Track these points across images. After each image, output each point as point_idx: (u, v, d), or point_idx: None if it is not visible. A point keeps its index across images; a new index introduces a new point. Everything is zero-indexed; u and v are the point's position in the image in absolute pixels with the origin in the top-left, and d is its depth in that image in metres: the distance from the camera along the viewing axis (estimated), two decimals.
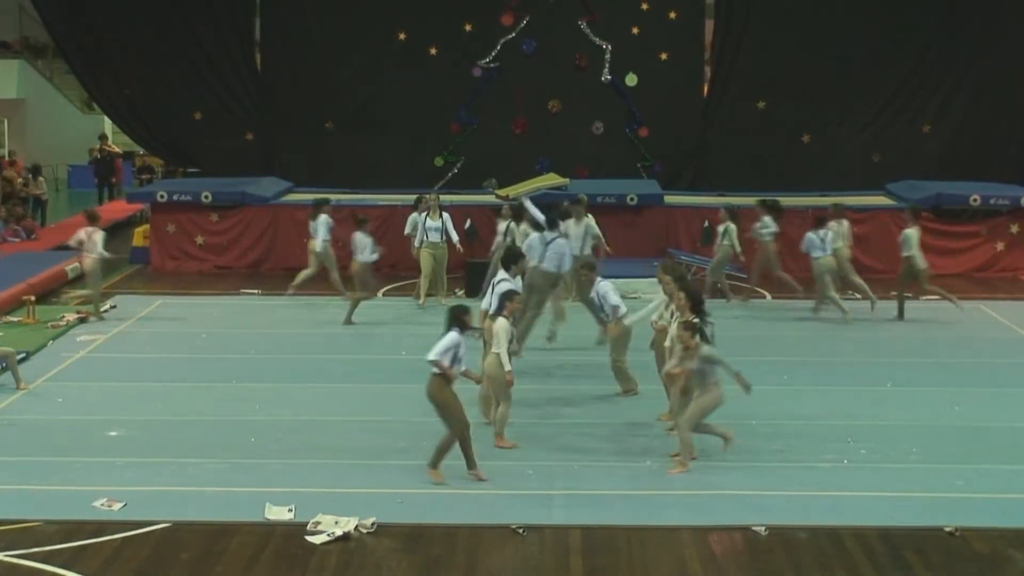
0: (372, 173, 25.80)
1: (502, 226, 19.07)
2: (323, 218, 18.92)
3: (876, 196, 23.28)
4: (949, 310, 18.63)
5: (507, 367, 11.91)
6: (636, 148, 26.88)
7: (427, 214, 18.99)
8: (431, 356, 11.10)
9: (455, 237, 19.12)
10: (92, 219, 18.23)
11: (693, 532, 10.12)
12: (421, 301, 18.85)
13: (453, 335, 11.19)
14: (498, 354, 11.91)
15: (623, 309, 13.71)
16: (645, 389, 14.12)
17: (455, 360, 11.16)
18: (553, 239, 15.56)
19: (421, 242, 18.88)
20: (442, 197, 22.00)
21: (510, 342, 12.09)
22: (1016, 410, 13.53)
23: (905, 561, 9.63)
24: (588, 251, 18.65)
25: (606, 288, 13.84)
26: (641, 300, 18.76)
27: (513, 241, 17.78)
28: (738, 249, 19.07)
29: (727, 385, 14.24)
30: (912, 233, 18.25)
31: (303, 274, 19.04)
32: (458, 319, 11.30)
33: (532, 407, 13.50)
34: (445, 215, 19.16)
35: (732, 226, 19.08)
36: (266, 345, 16.40)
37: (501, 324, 11.96)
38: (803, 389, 14.22)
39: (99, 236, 17.87)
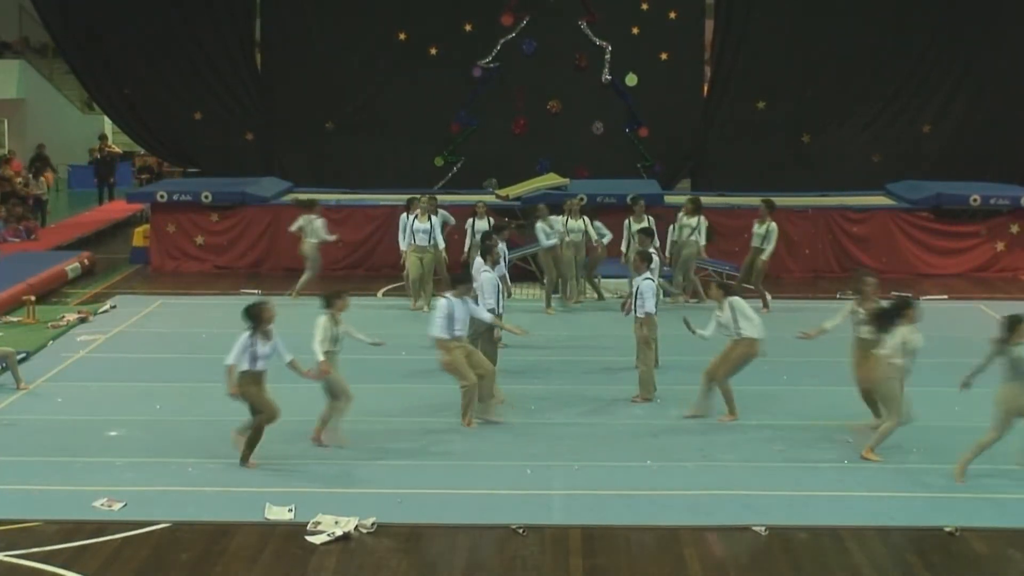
0: (372, 173, 25.82)
1: (480, 225, 18.75)
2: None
3: (876, 196, 23.28)
4: (949, 310, 18.65)
5: (320, 357, 11.90)
6: (636, 148, 26.89)
7: (415, 216, 18.68)
8: (226, 361, 11.36)
9: (441, 243, 18.82)
10: (311, 206, 19.47)
11: (693, 532, 10.12)
12: (414, 306, 18.75)
13: (244, 337, 11.32)
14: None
15: (651, 310, 13.57)
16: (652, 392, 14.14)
17: (254, 359, 11.31)
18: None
19: (409, 245, 18.58)
20: (442, 197, 22.02)
21: None
22: None
23: (905, 561, 9.63)
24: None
25: (647, 289, 13.63)
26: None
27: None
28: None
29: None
30: (776, 227, 18.63)
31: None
32: (252, 318, 11.40)
33: (531, 407, 13.51)
34: (434, 218, 18.80)
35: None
36: None
37: (321, 318, 12.04)
38: (803, 389, 14.23)
39: (320, 222, 19.32)
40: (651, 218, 18.84)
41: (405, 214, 18.99)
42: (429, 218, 18.65)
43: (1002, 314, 18.00)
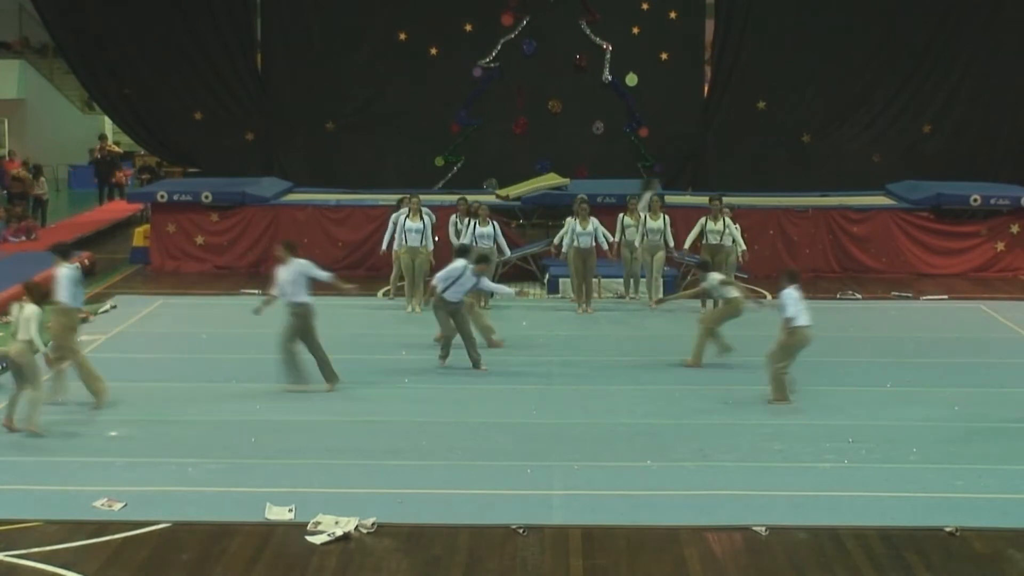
0: (372, 173, 25.82)
1: (464, 225, 18.53)
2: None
3: (876, 196, 23.28)
4: (949, 310, 18.66)
5: (41, 349, 12.46)
6: (636, 148, 26.90)
7: (407, 215, 18.48)
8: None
9: (431, 244, 18.47)
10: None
11: (693, 532, 10.11)
12: (391, 295, 18.94)
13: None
14: (25, 341, 12.27)
15: (799, 320, 13.32)
16: (650, 389, 14.16)
17: None
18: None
19: (400, 245, 18.30)
20: (443, 198, 22.01)
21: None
22: (1016, 410, 13.52)
23: (905, 561, 9.63)
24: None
25: (789, 296, 13.37)
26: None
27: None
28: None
29: (726, 385, 14.27)
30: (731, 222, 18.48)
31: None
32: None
33: (532, 407, 13.51)
34: (426, 218, 18.53)
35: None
36: (266, 345, 16.36)
37: (31, 310, 12.36)
38: (804, 389, 14.21)
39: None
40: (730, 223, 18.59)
41: (396, 214, 18.82)
42: (421, 217, 18.46)
43: (1003, 314, 18.17)
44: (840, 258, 21.60)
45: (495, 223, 18.62)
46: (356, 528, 10.06)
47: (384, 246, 18.81)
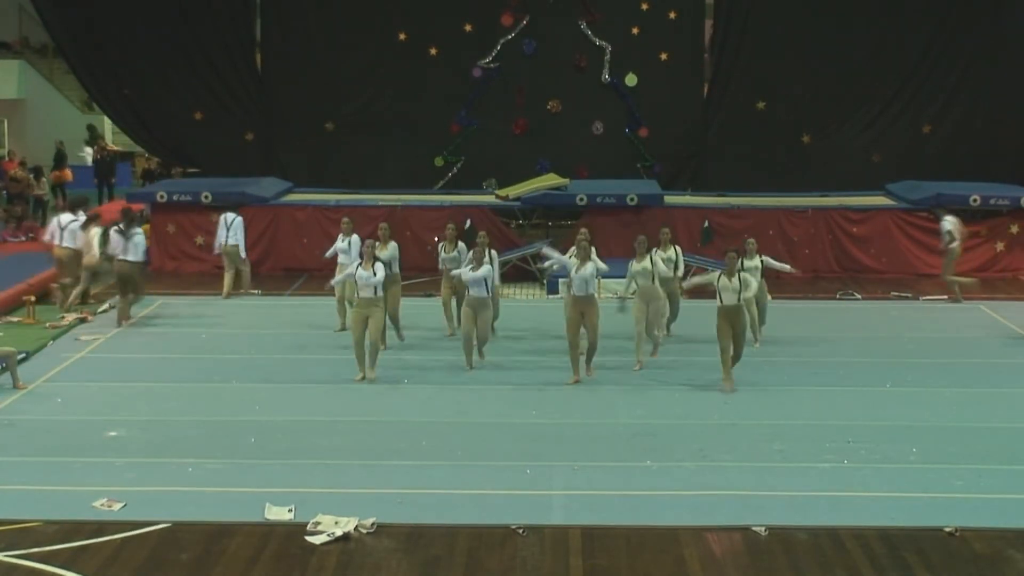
0: (372, 173, 25.80)
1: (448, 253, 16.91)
2: None
3: (876, 196, 23.27)
4: (949, 310, 18.65)
5: None
6: (636, 148, 26.88)
7: (359, 264, 14.54)
8: None
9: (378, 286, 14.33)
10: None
11: (693, 532, 10.11)
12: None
13: None
14: None
15: None
16: (650, 389, 14.15)
17: None
18: None
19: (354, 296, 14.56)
20: (443, 198, 21.95)
21: None
22: (1016, 410, 13.53)
23: (905, 561, 9.63)
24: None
25: None
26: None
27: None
28: None
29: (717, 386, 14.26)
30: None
31: None
32: None
33: (531, 407, 13.51)
34: (380, 265, 14.43)
35: None
36: (266, 345, 16.40)
37: None
38: (803, 389, 14.23)
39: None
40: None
41: (342, 236, 16.69)
42: (374, 264, 14.37)
43: (1003, 314, 18.17)
44: (840, 258, 21.59)
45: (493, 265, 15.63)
46: (356, 528, 10.06)
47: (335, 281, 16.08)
